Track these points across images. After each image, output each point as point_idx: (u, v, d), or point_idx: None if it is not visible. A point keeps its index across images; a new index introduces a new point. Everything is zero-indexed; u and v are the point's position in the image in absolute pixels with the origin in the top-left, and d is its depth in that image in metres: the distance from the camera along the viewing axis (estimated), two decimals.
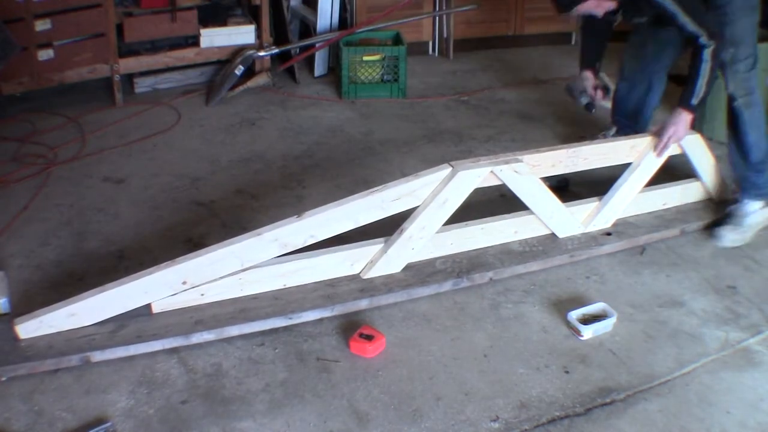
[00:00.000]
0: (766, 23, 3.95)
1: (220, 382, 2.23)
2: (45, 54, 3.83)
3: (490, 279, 2.68)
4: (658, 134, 2.90)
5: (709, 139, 3.68)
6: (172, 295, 2.36)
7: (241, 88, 4.30)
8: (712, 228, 3.03)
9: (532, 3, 5.20)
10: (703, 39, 2.71)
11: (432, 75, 4.77)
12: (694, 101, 2.81)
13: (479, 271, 2.66)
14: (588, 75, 3.31)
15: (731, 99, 2.94)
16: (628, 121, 3.47)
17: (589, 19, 3.13)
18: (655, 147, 2.90)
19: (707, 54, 2.72)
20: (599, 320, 2.48)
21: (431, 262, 2.69)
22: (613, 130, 3.59)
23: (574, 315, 2.49)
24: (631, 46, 3.38)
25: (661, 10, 2.76)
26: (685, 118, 2.85)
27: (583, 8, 2.80)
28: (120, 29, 4.03)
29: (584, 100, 3.31)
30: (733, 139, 3.02)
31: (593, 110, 3.38)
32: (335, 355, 2.35)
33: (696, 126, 3.89)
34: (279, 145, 3.76)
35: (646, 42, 3.27)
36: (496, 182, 2.67)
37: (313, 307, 2.45)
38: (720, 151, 3.33)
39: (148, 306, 2.36)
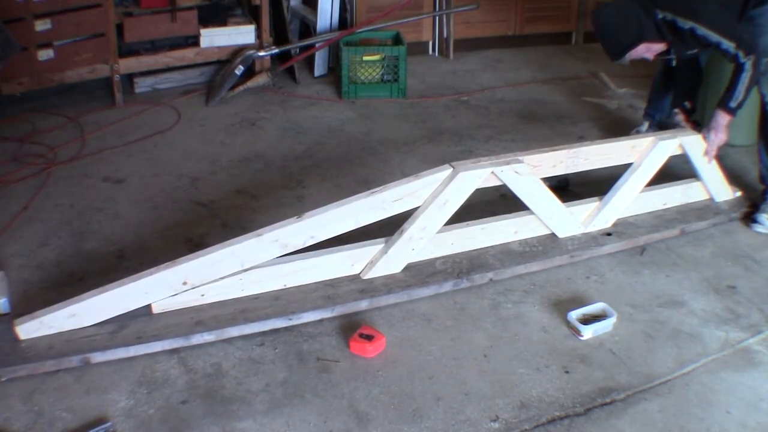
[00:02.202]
0: None
1: (220, 382, 2.23)
2: (45, 54, 3.83)
3: (490, 279, 2.68)
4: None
5: None
6: (173, 295, 2.36)
7: (241, 88, 4.30)
8: (752, 215, 3.13)
9: (532, 3, 5.21)
10: (742, 57, 2.86)
11: (432, 75, 4.77)
12: (733, 104, 2.96)
13: (479, 271, 2.66)
14: (678, 112, 3.39)
15: (765, 103, 3.09)
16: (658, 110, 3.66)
17: (684, 58, 3.23)
18: (705, 152, 3.05)
19: (749, 65, 2.87)
20: (599, 320, 2.48)
21: (431, 262, 2.69)
22: (646, 125, 3.67)
23: (574, 315, 2.49)
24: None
25: (706, 42, 2.92)
26: (724, 119, 2.99)
27: (634, 54, 2.98)
28: (120, 29, 4.04)
29: None
30: (763, 139, 3.15)
31: None
32: (335, 355, 2.35)
33: (696, 127, 3.90)
34: (279, 145, 3.76)
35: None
36: (497, 183, 2.67)
37: (314, 308, 2.45)
38: (720, 151, 3.31)
39: (148, 306, 2.36)
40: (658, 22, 2.95)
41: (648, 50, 3.01)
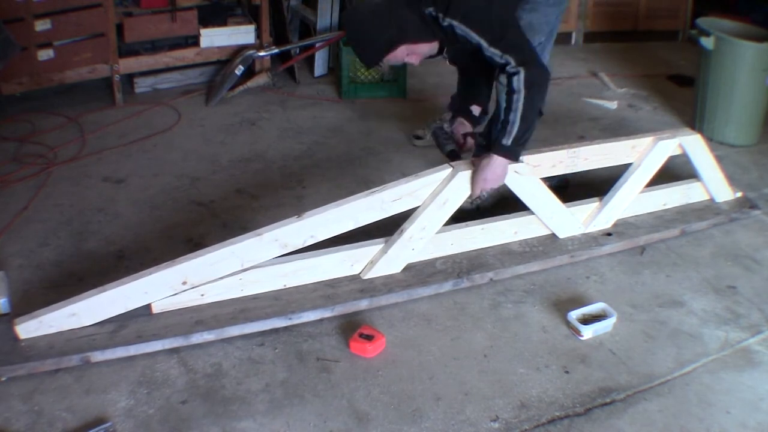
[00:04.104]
0: (766, 23, 3.97)
1: (220, 382, 2.23)
2: (45, 54, 3.84)
3: (491, 279, 2.68)
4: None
5: (709, 140, 3.69)
6: (172, 295, 2.36)
7: (241, 88, 4.30)
8: None
9: None
10: (512, 67, 2.41)
11: (432, 75, 4.77)
12: (507, 140, 2.47)
13: (479, 271, 2.66)
14: (461, 120, 2.93)
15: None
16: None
17: (461, 59, 2.89)
18: (470, 196, 2.61)
19: (519, 83, 2.40)
20: (599, 320, 2.48)
21: (431, 262, 2.69)
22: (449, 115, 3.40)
23: (574, 315, 2.49)
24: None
25: (468, 43, 2.49)
26: (498, 162, 2.50)
27: (392, 59, 2.55)
28: (120, 29, 4.04)
29: (449, 147, 2.85)
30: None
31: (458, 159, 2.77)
32: (335, 355, 2.35)
33: (696, 126, 3.91)
34: (279, 145, 3.76)
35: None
36: None
37: (314, 308, 2.45)
38: (720, 152, 3.33)
39: (148, 306, 2.36)
40: (426, 18, 2.49)
41: (410, 53, 2.55)
